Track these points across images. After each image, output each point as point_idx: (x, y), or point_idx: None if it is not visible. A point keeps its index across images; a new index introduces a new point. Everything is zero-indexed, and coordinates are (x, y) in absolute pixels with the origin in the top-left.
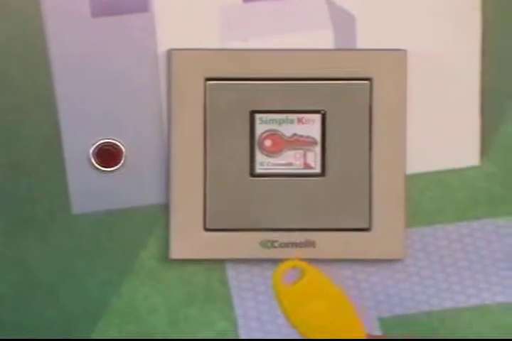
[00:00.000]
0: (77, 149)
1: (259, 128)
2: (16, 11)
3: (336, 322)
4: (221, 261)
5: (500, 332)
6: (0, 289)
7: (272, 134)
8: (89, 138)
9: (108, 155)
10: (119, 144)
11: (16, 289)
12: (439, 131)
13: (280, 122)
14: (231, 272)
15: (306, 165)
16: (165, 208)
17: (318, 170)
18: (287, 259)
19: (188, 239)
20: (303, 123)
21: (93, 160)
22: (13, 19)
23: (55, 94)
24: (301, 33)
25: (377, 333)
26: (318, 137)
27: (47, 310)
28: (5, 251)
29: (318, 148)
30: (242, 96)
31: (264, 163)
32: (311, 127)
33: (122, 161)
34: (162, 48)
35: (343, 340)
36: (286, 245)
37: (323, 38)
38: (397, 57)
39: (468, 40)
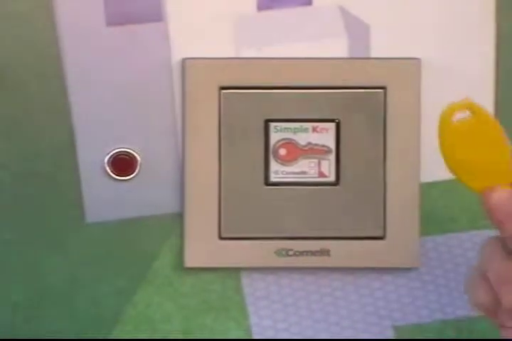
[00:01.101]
0: (92, 158)
1: (274, 137)
2: (30, 20)
3: (491, 166)
4: (236, 270)
5: None
6: (13, 297)
7: (287, 143)
8: (103, 147)
9: (123, 164)
10: (133, 153)
11: (29, 297)
12: None
13: (295, 131)
14: (246, 280)
15: (321, 174)
16: (179, 217)
17: (332, 178)
18: (457, 102)
19: (203, 247)
20: (317, 131)
21: (108, 169)
22: (27, 28)
23: (69, 102)
24: (315, 42)
25: None
26: (332, 146)
27: (60, 318)
28: (19, 260)
29: (332, 157)
30: (256, 104)
31: (278, 172)
32: (325, 136)
33: (137, 170)
34: (176, 57)
35: None
36: (301, 253)
37: (338, 47)
38: (412, 65)
39: (482, 49)
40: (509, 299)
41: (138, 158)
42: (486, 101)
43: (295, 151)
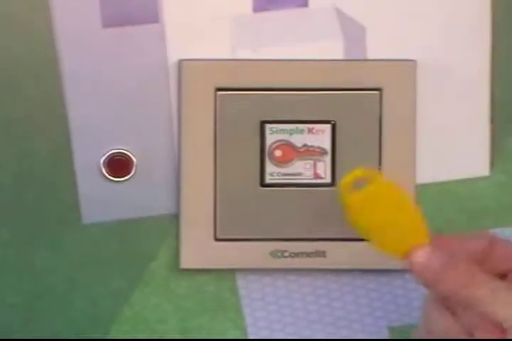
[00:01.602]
0: (88, 159)
1: (270, 139)
2: (27, 22)
3: (401, 229)
4: (231, 271)
5: None
6: (10, 298)
7: (282, 144)
8: (99, 148)
9: (119, 165)
10: (129, 154)
11: (26, 298)
12: (448, 141)
13: (290, 132)
14: (241, 282)
15: (316, 175)
16: (175, 218)
17: (328, 180)
18: (353, 172)
19: (199, 248)
20: (313, 133)
21: (104, 170)
22: (23, 30)
23: (65, 104)
24: (311, 43)
25: None
26: (328, 147)
27: (57, 319)
28: (15, 261)
29: (328, 158)
30: (252, 106)
31: (274, 173)
32: (321, 137)
33: (133, 171)
34: (172, 59)
35: None
36: (297, 255)
37: (334, 49)
38: (407, 67)
39: (478, 51)
40: None
41: (134, 159)
42: (482, 102)
43: (291, 153)
